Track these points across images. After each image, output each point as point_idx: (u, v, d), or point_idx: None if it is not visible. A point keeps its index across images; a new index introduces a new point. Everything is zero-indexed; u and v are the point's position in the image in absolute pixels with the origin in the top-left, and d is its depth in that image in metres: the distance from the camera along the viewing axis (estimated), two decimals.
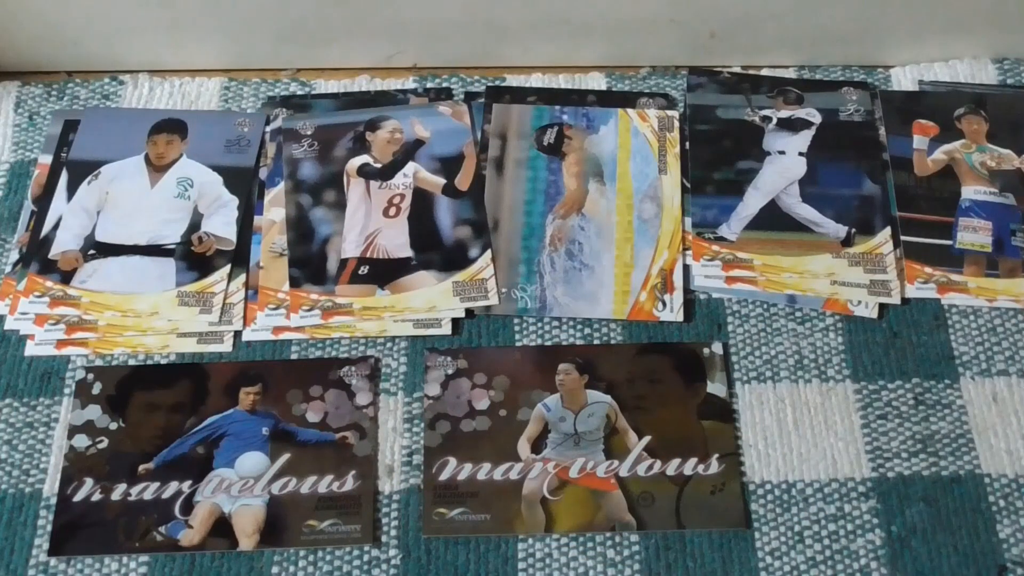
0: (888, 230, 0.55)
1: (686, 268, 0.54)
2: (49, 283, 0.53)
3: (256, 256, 0.55)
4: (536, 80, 0.61)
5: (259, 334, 0.53)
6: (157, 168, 0.57)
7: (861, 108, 0.59)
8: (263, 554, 0.47)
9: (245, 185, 0.57)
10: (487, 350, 0.52)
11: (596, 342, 0.52)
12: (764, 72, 0.61)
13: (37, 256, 0.54)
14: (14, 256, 0.55)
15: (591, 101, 0.60)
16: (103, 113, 0.60)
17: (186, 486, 0.48)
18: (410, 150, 0.58)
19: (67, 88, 0.61)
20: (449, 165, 0.57)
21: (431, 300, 0.53)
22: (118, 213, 0.55)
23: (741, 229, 0.55)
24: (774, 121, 0.59)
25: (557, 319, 0.53)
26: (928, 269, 0.54)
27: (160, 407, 0.50)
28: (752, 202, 0.56)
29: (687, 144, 0.58)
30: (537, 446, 0.49)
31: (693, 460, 0.49)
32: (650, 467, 0.49)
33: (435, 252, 0.54)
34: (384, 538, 0.48)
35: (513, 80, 0.61)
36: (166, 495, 0.48)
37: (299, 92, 0.61)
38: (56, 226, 0.55)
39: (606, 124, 0.59)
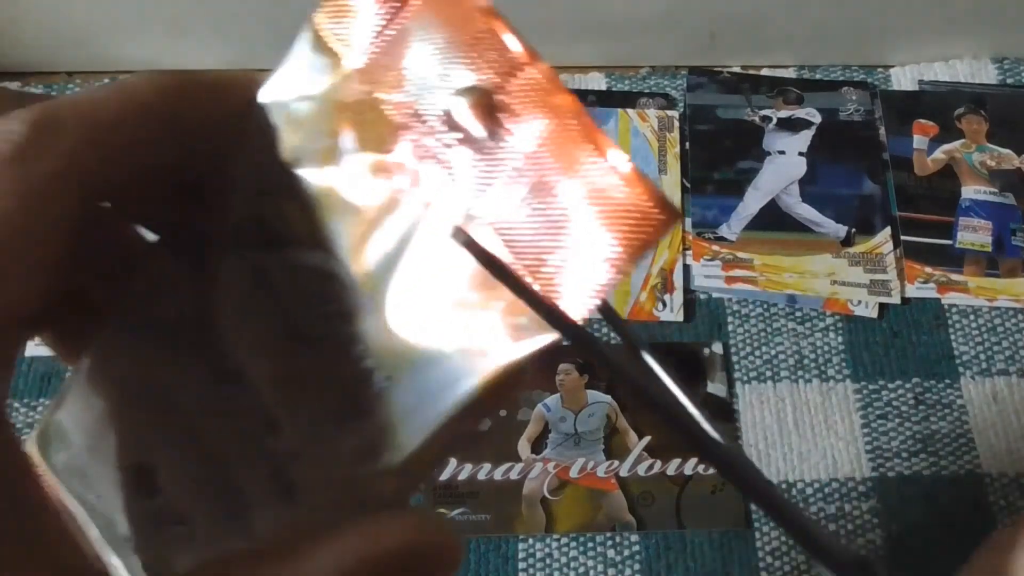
0: (888, 230, 0.55)
1: (686, 268, 0.54)
2: None
3: None
4: None
5: None
6: None
7: (861, 108, 0.59)
8: None
9: None
10: None
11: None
12: (764, 72, 0.61)
13: None
14: None
15: (591, 101, 0.60)
16: None
17: None
18: None
19: (67, 88, 0.61)
20: None
21: None
22: None
23: (741, 229, 0.55)
24: (774, 121, 0.59)
25: None
26: (928, 269, 0.54)
27: None
28: (752, 202, 0.56)
29: (687, 144, 0.58)
30: (537, 446, 0.49)
31: (693, 460, 0.49)
32: (650, 467, 0.49)
33: None
34: None
35: None
36: None
37: None
38: None
39: (606, 124, 0.59)
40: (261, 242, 0.20)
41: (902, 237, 0.54)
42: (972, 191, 0.56)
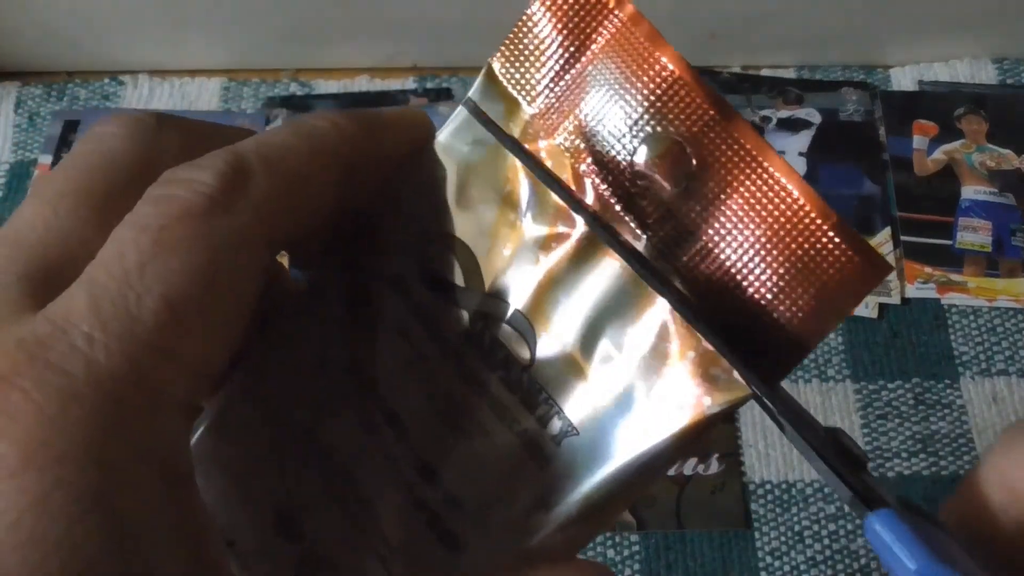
0: (888, 230, 0.55)
1: None
2: None
3: None
4: None
5: None
6: None
7: (861, 108, 0.59)
8: None
9: None
10: None
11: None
12: (764, 72, 0.61)
13: None
14: None
15: None
16: (103, 114, 0.60)
17: None
18: None
19: (67, 88, 0.61)
20: None
21: None
22: None
23: None
24: (774, 121, 0.59)
25: None
26: (928, 269, 0.54)
27: None
28: None
29: None
30: None
31: (693, 460, 0.49)
32: None
33: None
34: None
35: None
36: None
37: (299, 93, 0.61)
38: None
39: None
40: (426, 285, 0.19)
41: (902, 237, 0.54)
42: (972, 191, 0.56)
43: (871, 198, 0.56)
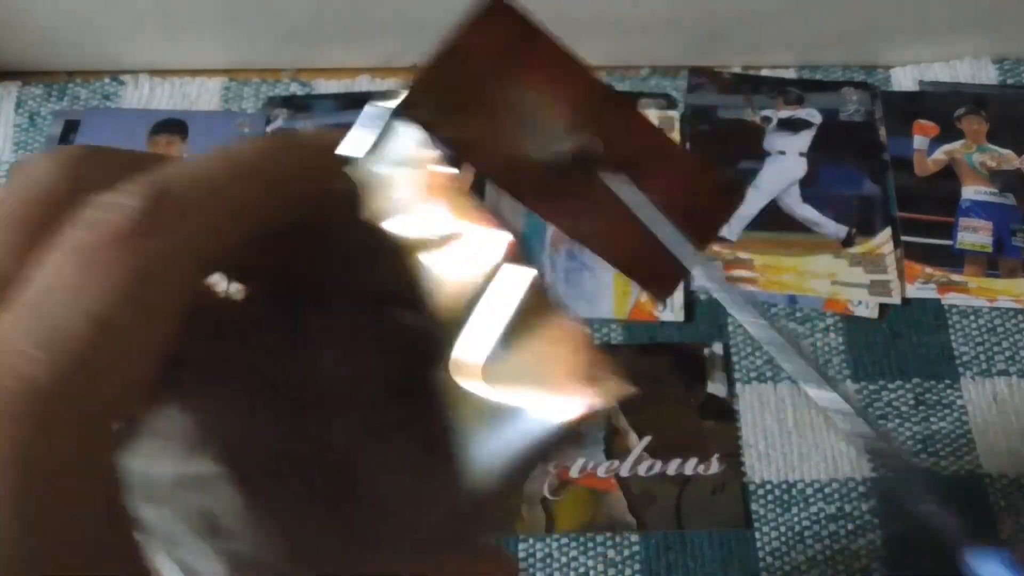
0: (888, 230, 0.55)
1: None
2: None
3: None
4: None
5: None
6: None
7: (861, 108, 0.59)
8: None
9: None
10: None
11: (596, 342, 0.52)
12: (764, 72, 0.61)
13: None
14: None
15: None
16: (103, 113, 0.60)
17: None
18: None
19: (67, 88, 0.61)
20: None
21: None
22: None
23: (741, 229, 0.55)
24: (774, 121, 0.59)
25: None
26: (928, 269, 0.54)
27: None
28: (752, 202, 0.56)
29: (687, 144, 0.58)
30: None
31: (694, 460, 0.49)
32: (651, 467, 0.49)
33: None
34: None
35: None
36: None
37: (299, 92, 0.61)
38: None
39: None
40: (359, 298, 0.20)
41: (902, 237, 0.54)
42: (972, 191, 0.56)
43: (871, 198, 0.56)
